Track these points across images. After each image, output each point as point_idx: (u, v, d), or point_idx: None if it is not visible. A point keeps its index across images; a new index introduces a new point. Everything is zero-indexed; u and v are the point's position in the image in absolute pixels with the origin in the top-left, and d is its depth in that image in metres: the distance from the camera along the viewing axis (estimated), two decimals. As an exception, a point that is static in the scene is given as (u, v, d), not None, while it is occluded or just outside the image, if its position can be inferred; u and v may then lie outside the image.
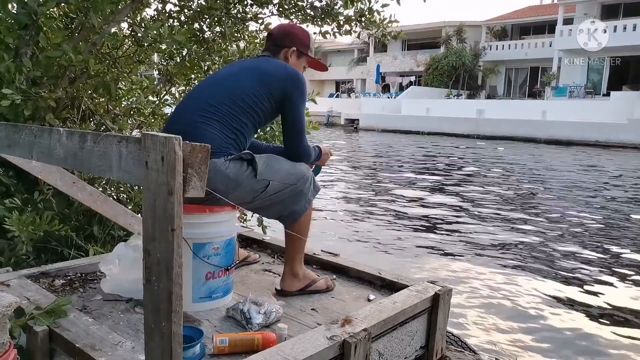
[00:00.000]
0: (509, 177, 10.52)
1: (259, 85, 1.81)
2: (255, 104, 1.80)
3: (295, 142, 1.93)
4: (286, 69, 1.89)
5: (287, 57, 2.01)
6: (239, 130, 1.78)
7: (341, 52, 40.58)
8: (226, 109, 1.76)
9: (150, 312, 1.14)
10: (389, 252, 4.85)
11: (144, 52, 3.00)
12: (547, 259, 4.74)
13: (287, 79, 1.86)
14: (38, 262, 2.43)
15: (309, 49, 2.07)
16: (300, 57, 2.05)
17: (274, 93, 1.83)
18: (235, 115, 1.77)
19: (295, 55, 2.03)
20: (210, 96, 1.80)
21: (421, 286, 2.02)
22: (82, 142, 1.29)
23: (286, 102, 1.86)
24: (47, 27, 2.55)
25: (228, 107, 1.77)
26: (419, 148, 17.30)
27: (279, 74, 1.86)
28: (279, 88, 1.84)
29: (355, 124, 28.19)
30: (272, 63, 1.92)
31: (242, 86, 1.80)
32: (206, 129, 1.73)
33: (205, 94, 1.84)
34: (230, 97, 1.78)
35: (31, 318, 1.56)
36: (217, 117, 1.75)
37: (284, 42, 2.01)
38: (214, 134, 1.73)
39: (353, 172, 10.83)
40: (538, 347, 2.98)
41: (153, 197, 1.09)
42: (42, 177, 2.41)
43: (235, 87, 1.80)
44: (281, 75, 1.86)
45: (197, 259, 1.83)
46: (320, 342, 1.50)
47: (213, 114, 1.75)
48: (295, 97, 1.87)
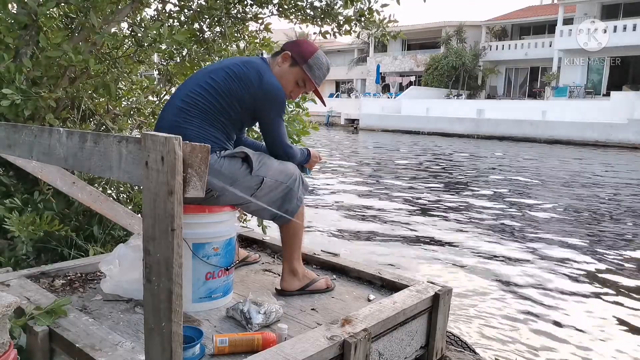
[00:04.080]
0: (509, 178, 10.52)
1: (229, 84, 1.79)
2: (226, 102, 1.79)
3: (274, 147, 1.95)
4: (261, 79, 1.80)
5: (280, 61, 1.94)
6: (219, 127, 1.80)
7: (341, 52, 40.57)
8: (201, 104, 1.77)
9: (150, 312, 1.14)
10: (389, 252, 4.85)
11: (144, 52, 2.99)
12: (548, 259, 4.74)
13: (259, 90, 1.80)
14: (38, 262, 2.43)
15: (305, 62, 1.94)
16: (293, 65, 1.94)
17: (244, 99, 1.80)
18: (211, 112, 1.78)
19: (288, 62, 1.93)
20: (186, 90, 1.82)
21: (421, 286, 2.02)
22: (82, 142, 1.29)
23: (258, 112, 1.85)
24: (47, 27, 2.56)
25: (202, 102, 1.77)
26: (419, 148, 17.30)
27: (252, 82, 1.80)
28: (249, 97, 1.80)
29: (355, 124, 28.20)
30: (253, 68, 1.83)
31: (213, 82, 1.79)
32: (186, 127, 1.75)
33: (185, 91, 1.84)
34: (202, 92, 1.79)
35: (31, 318, 1.56)
36: (195, 114, 1.77)
37: (286, 47, 1.98)
38: (193, 131, 1.74)
39: (353, 172, 10.83)
40: (538, 347, 2.98)
41: (153, 197, 1.09)
42: (42, 177, 2.41)
43: (207, 83, 1.80)
44: (254, 84, 1.79)
45: (196, 259, 1.83)
46: (320, 342, 1.50)
47: (190, 112, 1.77)
48: (267, 110, 1.85)
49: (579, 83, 26.47)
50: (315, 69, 1.96)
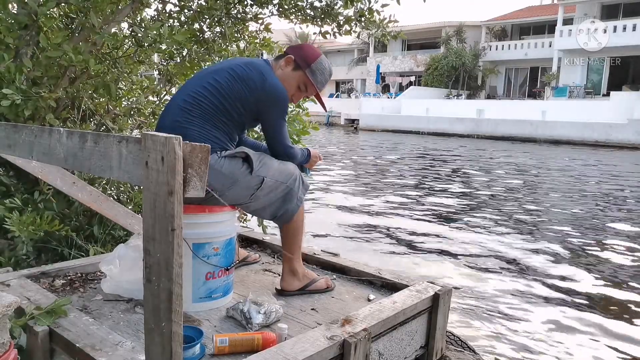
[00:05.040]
0: (509, 178, 10.53)
1: (232, 85, 1.80)
2: (229, 103, 1.80)
3: (275, 147, 1.96)
4: (264, 80, 1.82)
5: (283, 65, 1.96)
6: (221, 127, 1.80)
7: (341, 52, 40.59)
8: (204, 105, 1.78)
9: (150, 312, 1.14)
10: (389, 252, 4.85)
11: (144, 52, 3.00)
12: (548, 259, 4.73)
13: (262, 91, 1.81)
14: (38, 262, 2.43)
15: (308, 66, 1.95)
16: (296, 69, 1.95)
17: (248, 100, 1.81)
18: (213, 113, 1.78)
19: (291, 66, 1.95)
20: (189, 91, 1.82)
21: (421, 286, 2.02)
22: (82, 142, 1.29)
23: (260, 113, 1.86)
24: (47, 27, 2.56)
25: (205, 103, 1.78)
26: (418, 148, 17.30)
27: (255, 82, 1.81)
28: (252, 98, 1.81)
29: (355, 124, 28.21)
30: (256, 69, 1.84)
31: (216, 82, 1.80)
32: (187, 126, 1.75)
33: (185, 89, 1.85)
34: (206, 92, 1.79)
35: (31, 318, 1.56)
36: (197, 114, 1.77)
37: (289, 51, 1.99)
38: (195, 131, 1.75)
39: (353, 172, 10.83)
40: (538, 347, 2.98)
41: (153, 197, 1.09)
42: (42, 177, 2.41)
43: (210, 84, 1.80)
44: (257, 85, 1.81)
45: (196, 259, 1.83)
46: (320, 342, 1.50)
47: (192, 112, 1.77)
48: (270, 111, 1.86)
49: (579, 83, 26.47)
50: (318, 74, 1.98)
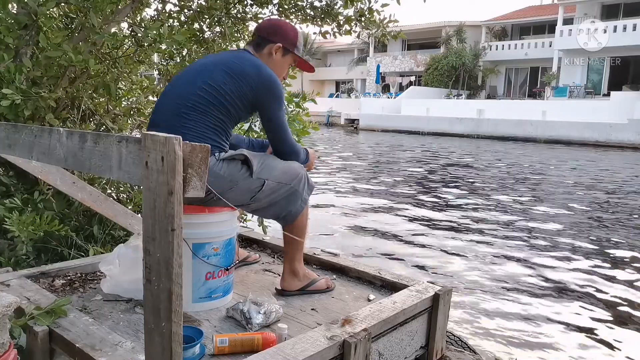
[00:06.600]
0: (509, 178, 10.52)
1: (231, 83, 1.76)
2: (228, 101, 1.76)
3: (277, 142, 1.91)
4: (259, 71, 1.79)
5: (271, 53, 1.93)
6: (218, 126, 1.77)
7: (341, 52, 40.61)
8: (201, 107, 1.74)
9: (150, 312, 1.14)
10: (389, 252, 4.85)
11: (144, 52, 3.00)
12: (549, 259, 4.73)
13: (259, 83, 1.78)
14: (38, 262, 2.43)
15: (295, 47, 1.98)
16: (285, 54, 1.96)
17: (246, 94, 1.78)
18: (211, 113, 1.75)
19: (281, 53, 1.94)
20: (184, 95, 1.76)
21: (421, 286, 2.02)
22: (82, 142, 1.29)
23: (259, 106, 1.83)
24: (47, 27, 2.56)
25: (203, 105, 1.74)
26: (418, 148, 17.30)
27: (251, 76, 1.78)
28: (250, 91, 1.78)
29: (355, 124, 28.21)
30: (248, 61, 1.81)
31: (214, 82, 1.75)
32: (184, 132, 1.69)
33: (179, 92, 1.79)
34: (204, 94, 1.74)
35: (31, 318, 1.56)
36: (193, 116, 1.73)
37: (271, 37, 1.94)
38: (192, 134, 1.71)
39: (353, 172, 10.83)
40: (538, 347, 2.98)
41: (153, 197, 1.09)
42: (42, 177, 2.41)
43: (208, 84, 1.75)
44: (253, 78, 1.78)
45: (196, 259, 1.83)
46: (320, 342, 1.50)
47: (188, 114, 1.73)
48: (269, 103, 1.82)
49: (579, 83, 26.47)
50: (301, 47, 2.03)
